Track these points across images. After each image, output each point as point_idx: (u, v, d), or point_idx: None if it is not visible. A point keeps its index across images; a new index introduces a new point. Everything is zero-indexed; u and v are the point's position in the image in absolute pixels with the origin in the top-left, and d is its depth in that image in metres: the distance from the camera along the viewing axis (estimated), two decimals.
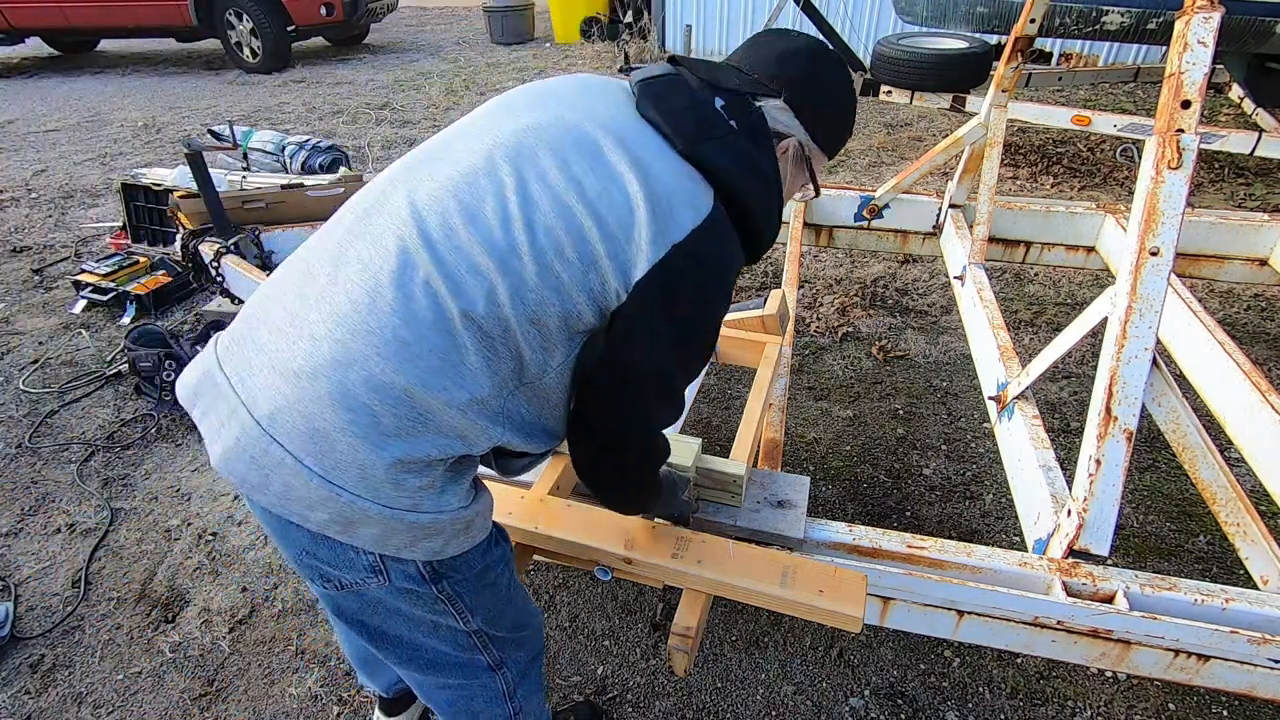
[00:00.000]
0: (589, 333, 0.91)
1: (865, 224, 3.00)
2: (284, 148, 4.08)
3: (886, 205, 2.94)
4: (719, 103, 0.94)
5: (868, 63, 4.57)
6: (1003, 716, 1.67)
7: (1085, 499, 1.34)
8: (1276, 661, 1.20)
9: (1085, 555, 1.36)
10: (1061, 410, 2.62)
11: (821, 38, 4.58)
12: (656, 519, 1.33)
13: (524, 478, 1.50)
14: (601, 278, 0.86)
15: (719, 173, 0.91)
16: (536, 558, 1.45)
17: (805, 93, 0.98)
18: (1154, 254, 1.31)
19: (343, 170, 3.72)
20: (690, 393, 1.71)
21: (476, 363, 0.84)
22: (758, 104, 0.96)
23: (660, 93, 0.93)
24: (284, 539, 0.93)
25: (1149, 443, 2.42)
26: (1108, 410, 1.33)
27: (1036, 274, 3.53)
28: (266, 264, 2.75)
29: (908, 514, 2.21)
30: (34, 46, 9.17)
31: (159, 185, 3.42)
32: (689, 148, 0.90)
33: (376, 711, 1.63)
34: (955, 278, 2.60)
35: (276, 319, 0.86)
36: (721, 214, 0.91)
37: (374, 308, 0.81)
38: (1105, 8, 3.69)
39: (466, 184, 0.86)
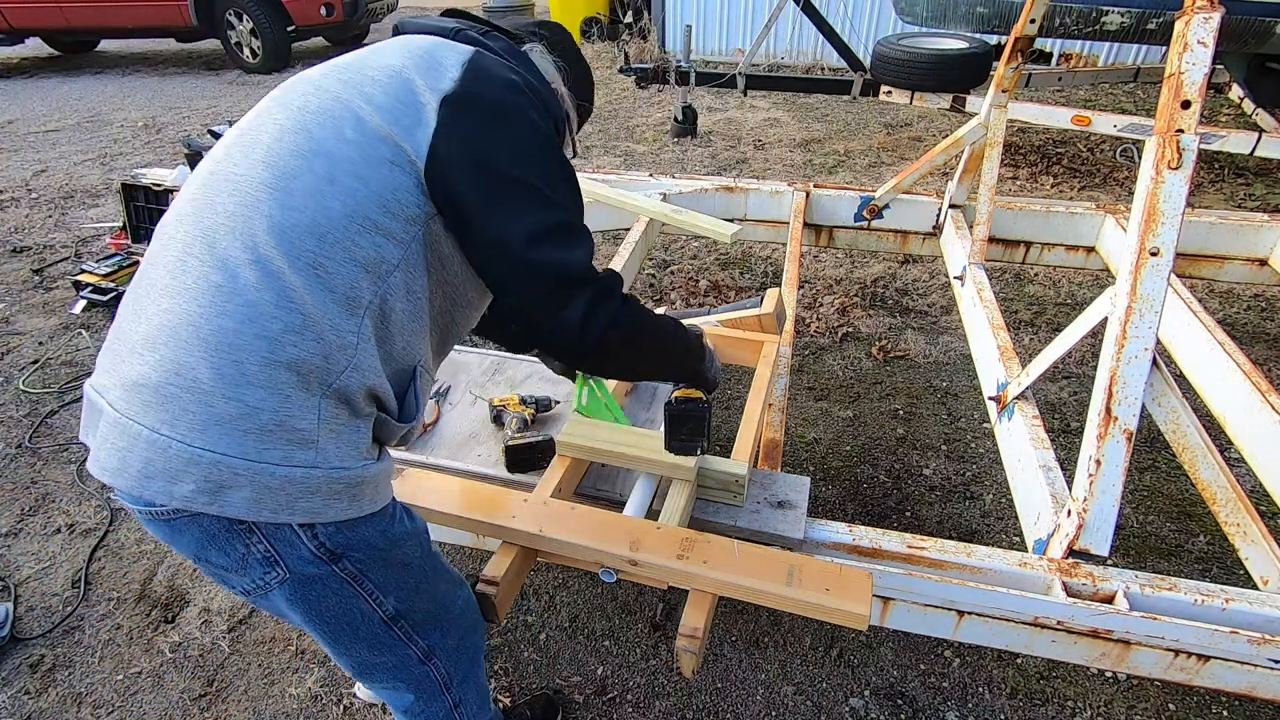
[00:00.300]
0: (415, 221, 0.91)
1: (865, 224, 3.01)
2: None
3: (886, 205, 2.94)
4: (472, 22, 1.07)
5: (868, 63, 4.57)
6: (1003, 716, 1.67)
7: (1085, 499, 1.34)
8: (1276, 661, 1.20)
9: (1085, 555, 1.36)
10: (1061, 410, 2.62)
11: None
12: (684, 387, 1.30)
13: (524, 478, 1.51)
14: (394, 143, 0.89)
15: (481, 45, 1.02)
16: (538, 558, 1.45)
17: (562, 45, 1.13)
18: (1154, 254, 1.31)
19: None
20: None
21: (309, 297, 0.84)
22: (523, 46, 1.08)
23: (421, 17, 1.08)
24: (177, 546, 0.90)
25: (1149, 443, 2.42)
26: (1108, 410, 1.33)
27: (1036, 274, 3.53)
28: None
29: (908, 514, 2.21)
30: (34, 46, 9.17)
31: (159, 185, 3.42)
32: (452, 36, 1.02)
33: (358, 683, 1.67)
34: (955, 278, 2.60)
35: (123, 328, 0.88)
36: (487, 55, 0.99)
37: (193, 284, 0.83)
38: (1105, 8, 3.69)
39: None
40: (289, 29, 7.77)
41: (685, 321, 1.96)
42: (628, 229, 2.89)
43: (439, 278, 0.98)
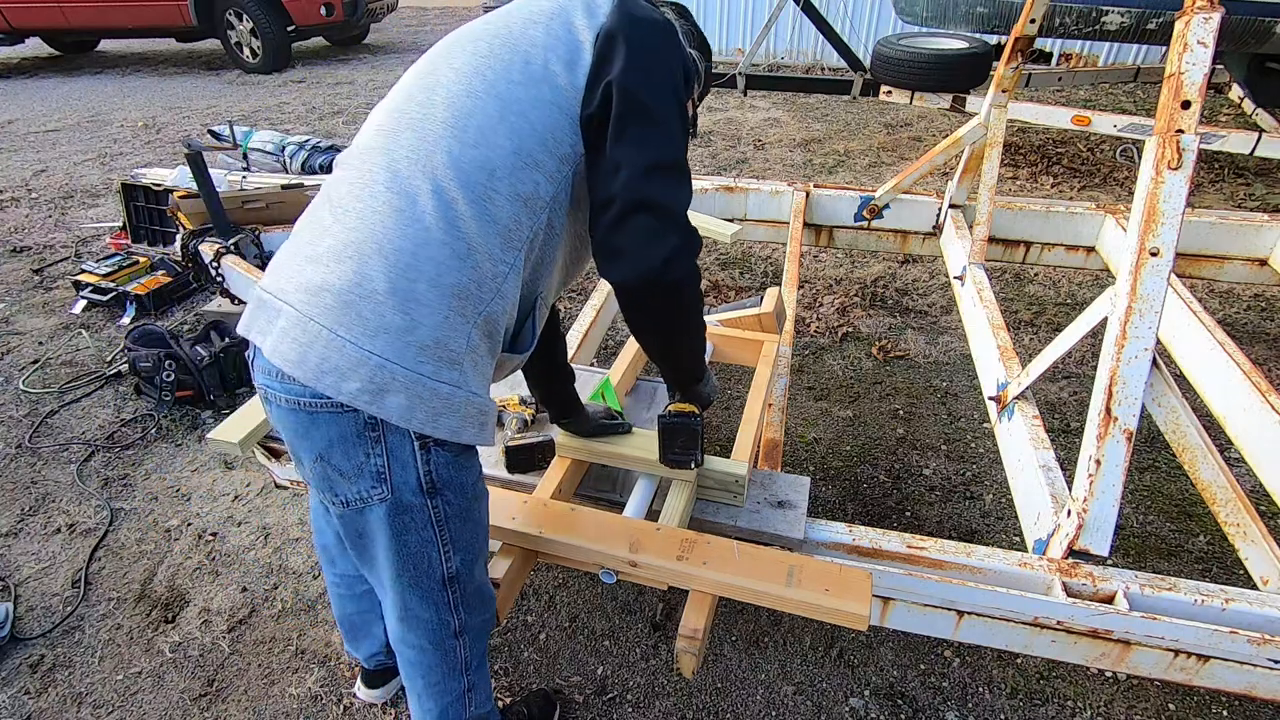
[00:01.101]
0: (568, 161, 1.00)
1: (865, 224, 3.01)
2: (284, 148, 4.08)
3: (886, 205, 2.94)
4: None
5: (868, 63, 4.57)
6: (1003, 716, 1.67)
7: (1085, 499, 1.34)
8: (1276, 661, 1.20)
9: (1085, 555, 1.36)
10: (1061, 410, 2.62)
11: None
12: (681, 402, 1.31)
13: (524, 479, 1.51)
14: (555, 83, 0.98)
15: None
16: (539, 559, 1.45)
17: (686, 16, 1.17)
18: (1154, 254, 1.31)
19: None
20: None
21: (475, 227, 0.94)
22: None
23: None
24: (305, 440, 0.98)
25: (1149, 443, 2.42)
26: (1108, 410, 1.33)
27: (1036, 274, 3.53)
28: (266, 264, 2.75)
29: (908, 514, 2.21)
30: (34, 46, 9.17)
31: (159, 185, 3.41)
32: None
33: (359, 683, 1.69)
34: (955, 278, 2.60)
35: (305, 241, 0.98)
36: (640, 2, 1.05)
37: (377, 206, 0.93)
38: (1105, 8, 3.69)
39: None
40: (289, 29, 7.78)
41: None
42: None
43: (576, 216, 1.06)
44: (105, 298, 3.27)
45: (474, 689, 1.28)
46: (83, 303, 3.36)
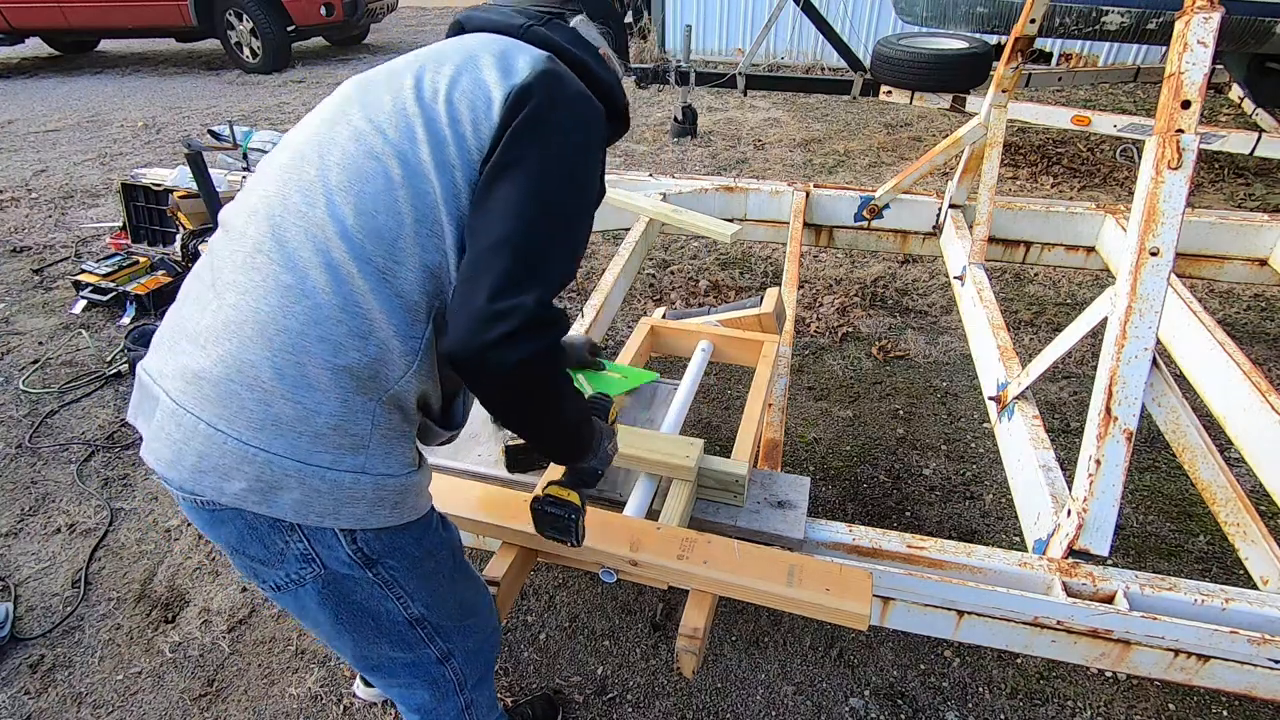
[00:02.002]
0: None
1: (865, 224, 3.01)
2: None
3: (886, 205, 2.94)
4: (535, 12, 1.06)
5: (868, 63, 4.57)
6: (1003, 716, 1.67)
7: (1085, 499, 1.34)
8: (1276, 661, 1.20)
9: (1085, 555, 1.36)
10: (1061, 410, 2.62)
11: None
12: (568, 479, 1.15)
13: (524, 478, 1.51)
14: (463, 145, 0.88)
15: (551, 43, 1.01)
16: (539, 559, 1.45)
17: (598, 7, 1.13)
18: (1154, 254, 1.31)
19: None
20: (688, 392, 1.71)
21: (376, 303, 0.84)
22: (571, 22, 1.08)
23: (485, 12, 1.06)
24: (216, 535, 0.91)
25: (1149, 443, 2.42)
26: (1108, 410, 1.33)
27: (1036, 274, 3.53)
28: None
29: (908, 514, 2.21)
30: (34, 46, 9.17)
31: (159, 185, 3.42)
32: (522, 35, 1.01)
33: (358, 681, 1.69)
34: (955, 278, 2.60)
35: (185, 316, 0.89)
36: (560, 62, 0.98)
37: (261, 281, 0.84)
38: (1105, 8, 3.69)
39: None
40: (289, 29, 7.77)
41: (688, 322, 1.97)
42: (628, 229, 2.89)
43: None
44: (105, 298, 3.27)
45: (474, 706, 1.22)
46: (83, 303, 3.35)
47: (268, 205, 0.88)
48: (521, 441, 1.50)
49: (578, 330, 2.16)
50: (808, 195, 2.98)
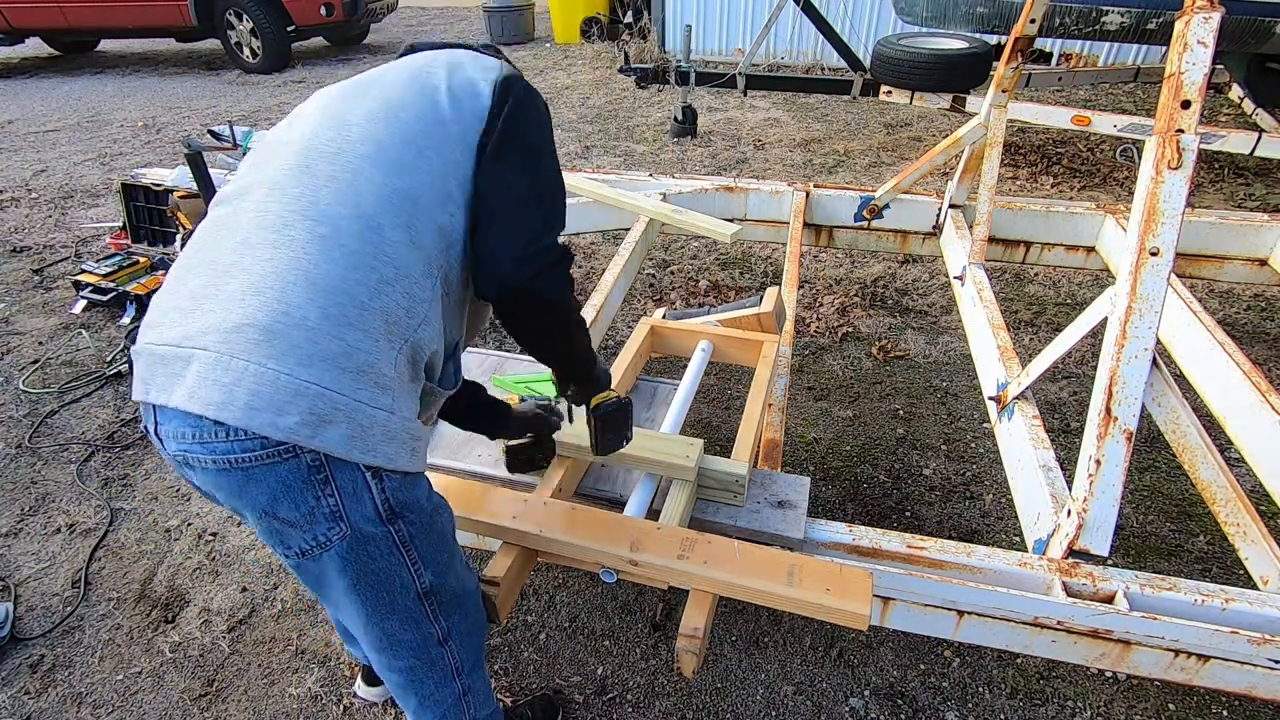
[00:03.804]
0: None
1: (865, 224, 3.01)
2: None
3: (886, 205, 2.94)
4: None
5: (868, 63, 4.57)
6: (1003, 716, 1.67)
7: (1085, 499, 1.34)
8: (1276, 661, 1.20)
9: (1085, 555, 1.36)
10: (1061, 410, 2.62)
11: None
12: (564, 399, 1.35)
13: (524, 478, 1.51)
14: (462, 122, 1.03)
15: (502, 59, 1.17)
16: (539, 559, 1.45)
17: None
18: (1154, 254, 1.31)
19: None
20: (688, 392, 1.71)
21: (402, 253, 0.95)
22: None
23: (432, 39, 1.22)
24: (244, 499, 0.93)
25: (1149, 443, 2.42)
26: (1108, 410, 1.33)
27: (1036, 274, 3.53)
28: None
29: (908, 514, 2.21)
30: (34, 46, 9.17)
31: (159, 185, 3.42)
32: (478, 50, 1.17)
33: (359, 680, 1.70)
34: (955, 278, 2.60)
35: (201, 285, 0.92)
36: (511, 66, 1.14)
37: (296, 231, 0.92)
38: (1105, 8, 3.69)
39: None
40: (289, 29, 7.78)
41: (688, 322, 1.97)
42: (628, 229, 2.89)
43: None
44: (105, 298, 3.27)
45: (470, 692, 1.26)
46: (83, 303, 3.35)
47: (291, 177, 0.96)
48: (522, 442, 1.50)
49: None
50: (808, 195, 2.98)
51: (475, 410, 1.41)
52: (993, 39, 4.46)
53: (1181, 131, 1.28)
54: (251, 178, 0.99)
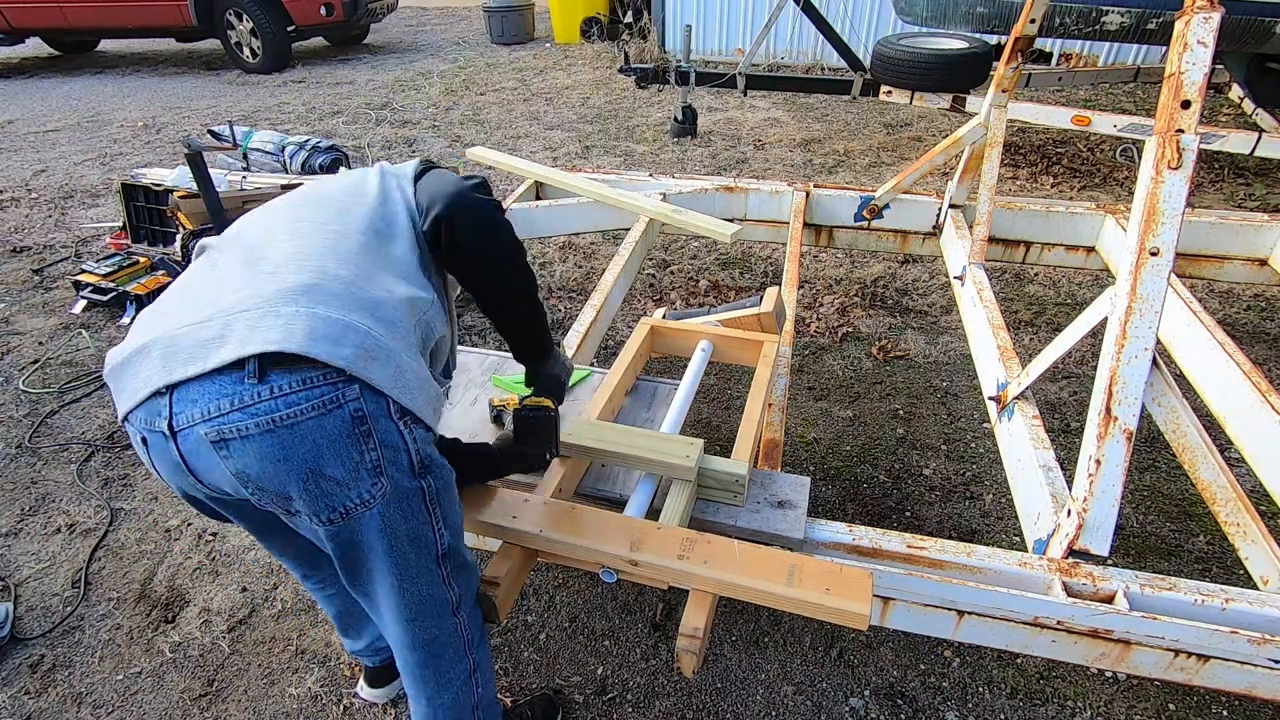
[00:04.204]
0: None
1: (865, 224, 3.01)
2: (284, 148, 4.08)
3: (886, 205, 2.94)
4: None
5: (868, 63, 4.57)
6: (1003, 716, 1.67)
7: (1085, 499, 1.34)
8: (1276, 661, 1.20)
9: (1085, 555, 1.36)
10: (1061, 410, 2.62)
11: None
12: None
13: (524, 478, 1.51)
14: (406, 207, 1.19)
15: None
16: (539, 559, 1.45)
17: None
18: (1154, 254, 1.31)
19: (342, 170, 3.72)
20: (688, 392, 1.71)
21: (404, 249, 1.13)
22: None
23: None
24: (288, 462, 0.92)
25: (1149, 443, 2.42)
26: (1108, 410, 1.33)
27: (1036, 274, 3.53)
28: None
29: (908, 514, 2.21)
30: (34, 46, 9.17)
31: (159, 185, 3.42)
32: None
33: (362, 682, 1.70)
34: (955, 278, 2.60)
35: (206, 289, 1.02)
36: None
37: (310, 225, 1.09)
38: (1105, 8, 3.69)
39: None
40: (289, 29, 7.77)
41: (688, 322, 1.97)
42: (628, 229, 2.89)
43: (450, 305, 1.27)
44: (105, 298, 3.27)
45: (479, 669, 1.30)
46: (83, 303, 3.36)
47: (280, 217, 1.11)
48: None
49: (577, 332, 2.16)
50: (808, 195, 2.98)
51: (459, 459, 1.35)
52: (993, 39, 4.46)
53: (1181, 131, 1.28)
54: (246, 227, 1.13)
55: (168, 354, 0.92)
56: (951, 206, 2.85)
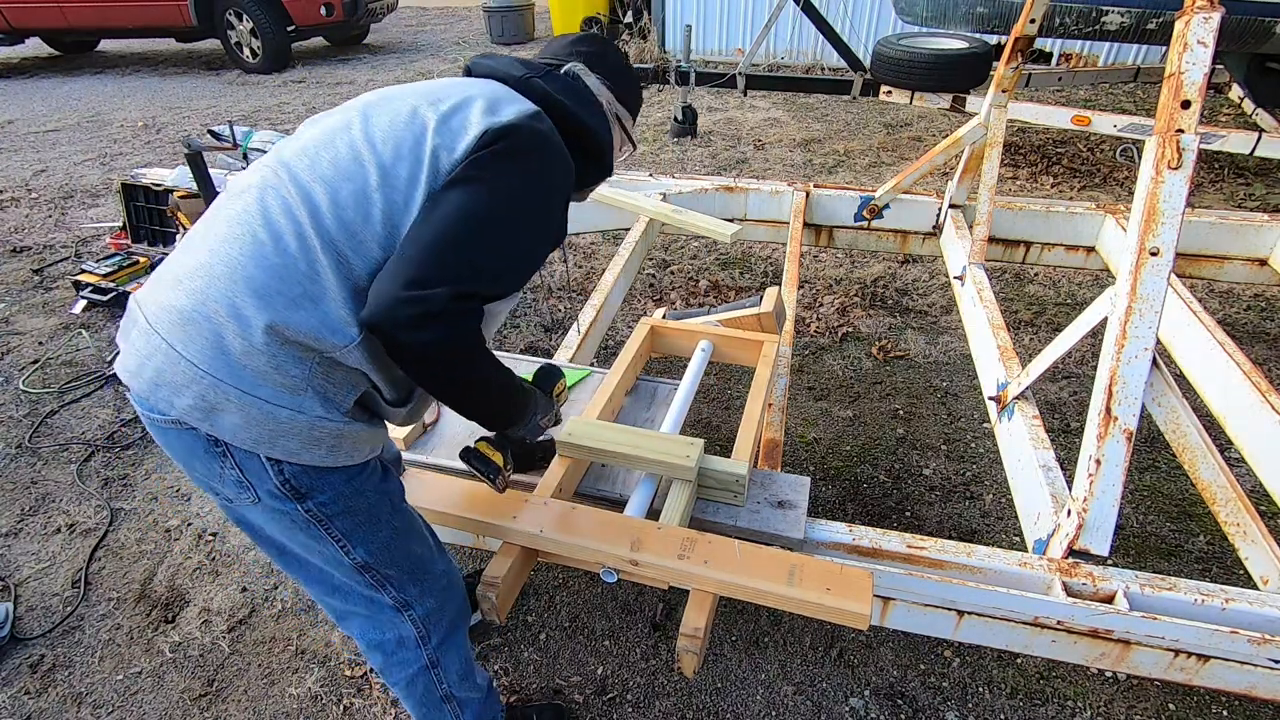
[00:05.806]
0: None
1: (865, 224, 3.01)
2: None
3: (886, 205, 2.94)
4: (539, 64, 1.19)
5: (868, 63, 4.57)
6: (1003, 716, 1.67)
7: (1085, 499, 1.34)
8: (1276, 661, 1.20)
9: (1085, 555, 1.36)
10: (1061, 410, 2.62)
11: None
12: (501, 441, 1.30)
13: (524, 478, 1.51)
14: (435, 167, 0.99)
15: (547, 95, 1.12)
16: (539, 559, 1.45)
17: (598, 60, 1.23)
18: (1154, 254, 1.31)
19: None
20: (688, 392, 1.71)
21: (331, 279, 0.95)
22: (564, 70, 1.18)
23: (489, 58, 1.20)
24: (171, 451, 1.01)
25: (1149, 443, 2.42)
26: (1108, 410, 1.33)
27: (1036, 274, 3.53)
28: None
29: (908, 514, 2.21)
30: (34, 46, 9.17)
31: (159, 185, 3.42)
32: (519, 85, 1.13)
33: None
34: (955, 278, 2.60)
35: (175, 260, 1.00)
36: (545, 118, 1.08)
37: (240, 234, 0.96)
38: (1105, 8, 3.69)
39: (324, 141, 1.03)
40: (289, 29, 7.77)
41: (688, 322, 1.97)
42: (628, 229, 2.89)
43: None
44: (105, 298, 3.27)
45: (439, 667, 1.29)
46: (83, 303, 3.35)
47: (264, 180, 0.99)
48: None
49: (577, 332, 2.16)
50: (808, 195, 2.98)
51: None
52: (993, 39, 4.46)
53: (1181, 131, 1.28)
54: (254, 168, 1.05)
55: (126, 318, 1.03)
56: (951, 206, 2.85)
